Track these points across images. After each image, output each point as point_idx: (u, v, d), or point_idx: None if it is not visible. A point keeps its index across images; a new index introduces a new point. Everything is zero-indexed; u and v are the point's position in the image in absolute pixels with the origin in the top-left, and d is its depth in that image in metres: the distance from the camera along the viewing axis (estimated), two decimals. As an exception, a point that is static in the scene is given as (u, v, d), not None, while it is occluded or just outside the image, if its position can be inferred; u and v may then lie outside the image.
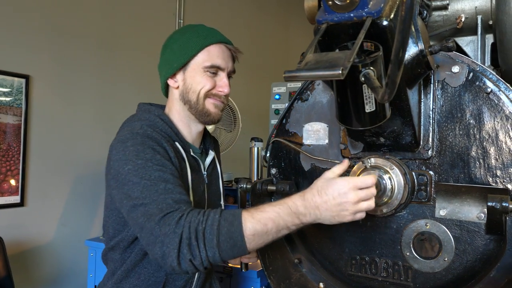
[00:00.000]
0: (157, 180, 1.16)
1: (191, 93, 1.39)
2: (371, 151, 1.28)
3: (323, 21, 1.03)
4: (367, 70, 0.95)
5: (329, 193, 1.05)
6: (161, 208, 1.11)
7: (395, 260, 1.25)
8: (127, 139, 1.25)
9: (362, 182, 1.06)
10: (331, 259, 1.37)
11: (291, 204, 1.09)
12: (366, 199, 1.06)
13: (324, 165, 1.38)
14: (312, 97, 1.41)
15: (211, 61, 1.37)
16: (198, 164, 1.44)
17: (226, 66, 1.40)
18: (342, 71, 0.82)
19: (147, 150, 1.22)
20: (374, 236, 1.29)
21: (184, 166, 1.35)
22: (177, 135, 1.38)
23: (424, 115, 1.21)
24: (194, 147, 1.46)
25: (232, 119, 2.62)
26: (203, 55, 1.37)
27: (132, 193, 1.16)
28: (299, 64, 0.92)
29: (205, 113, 1.40)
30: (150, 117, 1.36)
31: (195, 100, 1.38)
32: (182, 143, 1.38)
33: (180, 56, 1.38)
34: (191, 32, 1.41)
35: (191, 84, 1.39)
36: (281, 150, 1.47)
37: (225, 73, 1.41)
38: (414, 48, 1.08)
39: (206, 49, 1.38)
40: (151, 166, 1.18)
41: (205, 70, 1.37)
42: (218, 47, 1.40)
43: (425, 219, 1.21)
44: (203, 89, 1.38)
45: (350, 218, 1.06)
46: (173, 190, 1.16)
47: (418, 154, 1.22)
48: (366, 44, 1.01)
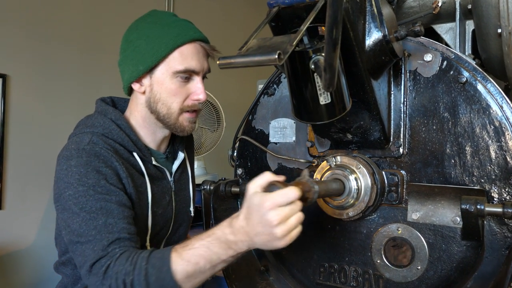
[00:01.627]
0: (98, 212, 1.07)
1: (160, 105, 1.22)
2: (339, 149, 1.17)
3: (274, 4, 0.93)
4: (317, 56, 0.85)
5: (253, 216, 0.88)
6: (95, 250, 1.04)
7: (366, 268, 1.14)
8: (71, 157, 1.12)
9: (282, 197, 0.84)
10: (299, 267, 1.26)
11: (220, 234, 0.94)
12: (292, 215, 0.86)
13: (291, 164, 1.27)
14: (279, 91, 1.31)
15: (185, 64, 1.19)
16: (162, 172, 1.31)
17: (201, 69, 1.22)
18: (279, 56, 0.72)
19: (91, 174, 1.10)
20: (343, 242, 1.18)
21: (143, 182, 1.22)
22: (136, 143, 1.23)
23: (395, 108, 1.10)
24: (158, 153, 1.31)
25: (216, 118, 2.52)
26: (175, 57, 1.19)
27: (71, 224, 1.08)
28: (239, 50, 0.82)
29: (178, 127, 1.24)
30: (104, 123, 1.21)
31: (165, 114, 1.22)
32: (141, 152, 1.23)
33: (147, 57, 1.19)
34: (159, 28, 1.20)
35: (159, 93, 1.21)
36: (247, 149, 1.37)
37: (200, 77, 1.23)
38: (377, 34, 0.97)
39: (178, 50, 1.19)
40: (93, 195, 1.08)
41: (176, 75, 1.19)
42: (192, 47, 1.20)
43: (396, 223, 1.10)
44: (176, 103, 1.21)
45: (283, 243, 0.87)
46: (113, 226, 1.06)
47: (388, 151, 1.11)
48: (320, 28, 0.91)
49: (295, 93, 0.94)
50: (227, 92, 3.56)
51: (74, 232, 1.08)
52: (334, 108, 0.94)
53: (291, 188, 0.86)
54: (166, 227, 1.32)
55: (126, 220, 1.09)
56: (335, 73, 0.66)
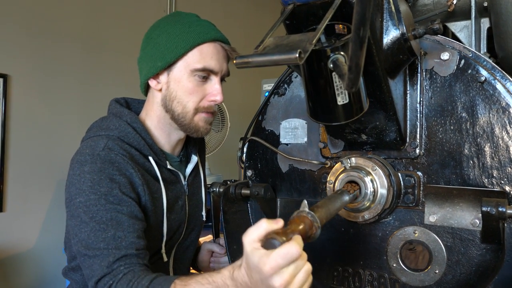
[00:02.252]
0: (107, 224, 1.04)
1: (176, 103, 1.20)
2: (353, 150, 1.15)
3: (289, 2, 0.91)
4: (336, 55, 0.82)
5: (254, 275, 0.79)
6: (102, 266, 1.02)
7: (381, 272, 1.12)
8: (85, 162, 1.10)
9: (284, 258, 0.74)
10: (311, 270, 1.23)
11: (221, 283, 0.88)
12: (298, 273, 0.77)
13: (303, 165, 1.25)
14: (290, 90, 1.28)
15: (203, 63, 1.17)
16: (176, 176, 1.28)
17: (220, 69, 1.20)
18: (299, 54, 0.69)
19: (104, 182, 1.07)
20: (357, 245, 1.15)
21: (158, 188, 1.19)
22: (152, 147, 1.20)
23: (411, 108, 1.08)
24: (172, 157, 1.29)
25: (220, 118, 2.49)
26: (194, 55, 1.17)
27: (80, 234, 1.06)
28: (256, 49, 0.79)
29: (193, 128, 1.22)
30: (120, 126, 1.17)
31: (180, 112, 1.20)
32: (156, 156, 1.21)
33: (166, 53, 1.18)
34: (181, 25, 1.19)
35: (175, 91, 1.19)
36: (257, 150, 1.34)
37: (218, 78, 1.21)
38: (395, 32, 0.94)
39: (198, 48, 1.17)
40: (104, 204, 1.05)
41: (194, 74, 1.17)
42: (213, 46, 1.19)
43: (413, 226, 1.07)
44: (192, 102, 1.18)
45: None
46: (122, 240, 1.04)
47: (404, 152, 1.08)
48: (337, 26, 0.88)
49: (311, 93, 0.92)
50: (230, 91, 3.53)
51: (82, 243, 1.06)
52: (351, 109, 0.91)
53: (291, 245, 0.75)
54: (179, 232, 1.30)
55: (136, 234, 1.06)
56: (360, 72, 0.63)
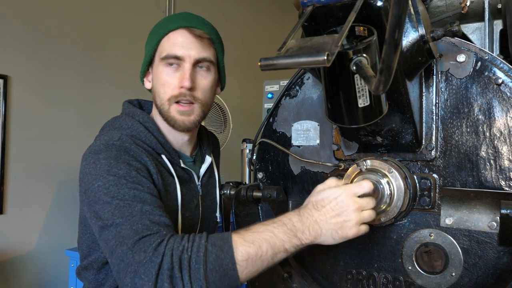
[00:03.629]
0: (132, 200, 0.99)
1: (157, 97, 1.20)
2: (367, 152, 1.14)
3: (308, 3, 0.90)
4: (359, 57, 0.81)
5: (326, 204, 0.94)
6: (135, 229, 0.94)
7: (396, 275, 1.11)
8: (100, 151, 1.07)
9: (360, 187, 0.95)
10: (324, 274, 1.22)
11: (287, 220, 0.95)
12: (366, 208, 0.95)
13: (315, 168, 1.24)
14: (301, 92, 1.27)
15: (168, 51, 1.16)
16: (190, 175, 1.27)
17: (186, 55, 1.16)
18: (327, 57, 0.69)
19: (121, 165, 1.04)
20: (371, 248, 1.15)
21: (172, 182, 1.17)
22: (164, 146, 1.19)
23: (426, 110, 1.07)
24: (186, 157, 1.27)
25: (222, 119, 2.48)
26: (164, 45, 1.18)
27: (103, 214, 0.99)
28: (278, 51, 0.78)
29: (171, 120, 1.19)
30: (132, 125, 1.17)
31: (159, 105, 1.19)
32: (169, 155, 1.20)
33: (147, 50, 1.23)
34: (158, 23, 1.24)
35: (156, 85, 1.20)
36: (268, 152, 1.33)
37: (188, 64, 1.16)
38: (414, 34, 0.94)
39: (166, 37, 1.18)
40: (125, 183, 1.01)
41: (164, 64, 1.17)
42: (179, 33, 1.17)
43: (429, 229, 1.07)
44: (164, 94, 1.18)
45: (355, 231, 0.93)
46: (151, 212, 0.98)
47: (420, 155, 1.08)
48: (358, 28, 0.88)
49: (331, 95, 0.91)
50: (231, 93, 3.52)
51: (107, 219, 0.98)
52: (372, 111, 0.90)
53: (365, 181, 0.97)
54: (192, 232, 1.27)
55: (162, 209, 1.02)
56: (392, 75, 0.63)
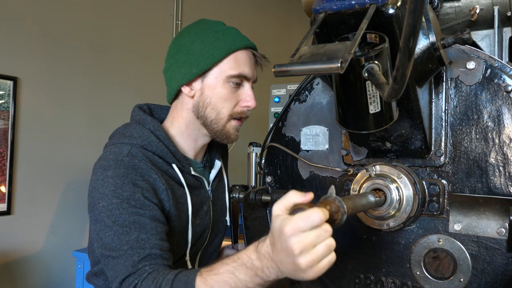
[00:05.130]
0: (131, 227, 1.05)
1: (210, 109, 1.21)
2: (376, 158, 1.15)
3: (320, 10, 0.91)
4: (371, 64, 0.82)
5: (276, 240, 0.80)
6: (126, 266, 1.02)
7: (404, 280, 1.12)
8: (109, 167, 1.11)
9: (304, 220, 0.75)
10: (332, 277, 1.23)
11: (246, 259, 0.88)
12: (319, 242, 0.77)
13: (324, 172, 1.25)
14: (311, 97, 1.29)
15: (239, 70, 1.19)
16: (200, 182, 1.28)
17: (252, 76, 1.23)
18: (341, 64, 0.70)
19: (127, 187, 1.08)
20: (379, 253, 1.16)
21: (183, 193, 1.20)
22: (175, 154, 1.20)
23: (436, 117, 1.08)
24: (196, 163, 1.30)
25: (229, 123, 2.49)
26: (229, 62, 1.19)
27: (104, 237, 1.07)
28: (291, 58, 0.79)
29: (224, 134, 1.22)
30: (143, 134, 1.18)
31: (213, 119, 1.21)
32: (180, 163, 1.21)
33: (201, 60, 1.19)
34: (214, 32, 1.21)
35: (209, 98, 1.20)
36: (277, 156, 1.34)
37: (250, 84, 1.23)
38: (425, 41, 0.95)
39: (233, 55, 1.19)
40: (127, 208, 1.06)
41: (229, 80, 1.19)
42: (246, 54, 1.22)
43: (437, 234, 1.08)
44: (226, 109, 1.20)
45: (310, 275, 0.78)
46: (145, 242, 1.04)
47: (429, 161, 1.08)
48: (369, 36, 0.89)
49: (343, 101, 0.92)
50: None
51: (106, 246, 1.06)
52: (382, 118, 0.92)
53: (315, 209, 0.75)
54: (203, 238, 1.29)
55: (159, 236, 1.07)
56: (405, 83, 0.64)
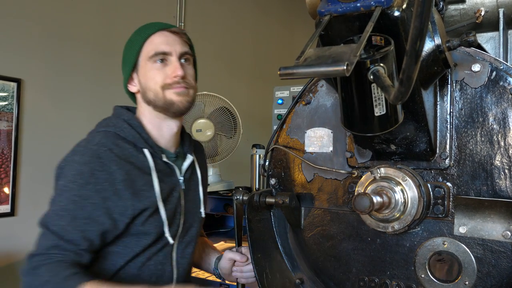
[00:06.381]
0: (66, 214, 1.19)
1: (148, 91, 1.35)
2: (380, 160, 1.15)
3: (325, 13, 0.91)
4: (376, 67, 0.82)
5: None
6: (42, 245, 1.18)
7: (409, 283, 1.12)
8: (78, 152, 1.27)
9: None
10: (336, 280, 1.23)
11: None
12: None
13: (328, 174, 1.25)
14: (315, 100, 1.28)
15: (155, 49, 1.33)
16: (172, 169, 1.39)
17: (172, 50, 1.34)
18: (347, 66, 0.70)
19: (85, 175, 1.22)
20: (384, 255, 1.15)
21: (148, 180, 1.30)
22: (147, 141, 1.34)
23: (441, 119, 1.08)
24: (169, 152, 1.41)
25: (233, 124, 2.49)
26: (148, 47, 1.34)
27: (49, 209, 1.23)
28: (297, 60, 0.79)
29: (168, 103, 1.33)
30: (117, 123, 1.34)
31: (153, 97, 1.34)
32: (152, 149, 1.34)
33: (129, 56, 1.37)
34: (135, 32, 1.40)
35: (145, 83, 1.35)
36: (281, 158, 1.34)
37: (175, 57, 1.34)
38: (430, 43, 0.95)
39: (148, 40, 1.34)
40: (74, 195, 1.21)
41: (152, 62, 1.33)
42: (160, 34, 1.35)
43: (442, 237, 1.07)
44: (157, 84, 1.33)
45: None
46: (68, 233, 1.18)
47: (434, 163, 1.08)
48: (374, 38, 0.89)
49: (348, 104, 0.92)
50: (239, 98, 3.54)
51: (45, 217, 1.21)
52: (387, 120, 0.91)
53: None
54: (175, 224, 1.38)
55: (83, 234, 1.19)
56: (412, 86, 0.63)
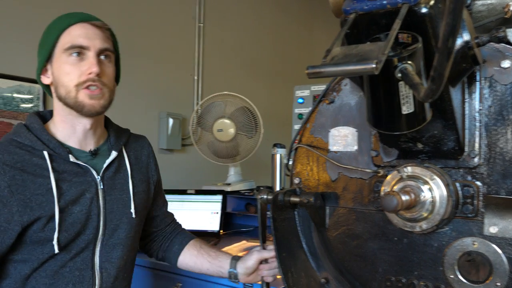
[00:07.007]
0: None
1: (60, 86, 1.29)
2: (407, 159, 1.13)
3: (351, 11, 0.90)
4: (404, 64, 0.81)
5: None
6: None
7: (437, 283, 1.10)
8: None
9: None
10: (362, 280, 1.22)
11: None
12: None
13: (353, 174, 1.24)
14: (339, 98, 1.27)
15: (72, 42, 1.26)
16: (84, 169, 1.33)
17: (91, 44, 1.27)
18: (376, 64, 0.69)
19: None
20: (411, 255, 1.14)
21: (42, 184, 1.24)
22: (47, 143, 1.28)
23: (469, 117, 1.06)
24: (81, 151, 1.35)
25: (253, 124, 2.50)
26: (65, 38, 1.27)
27: None
28: (324, 59, 0.79)
29: (79, 105, 1.28)
30: (16, 128, 1.31)
31: (64, 94, 1.28)
32: (52, 151, 1.28)
33: (44, 45, 1.30)
34: (53, 21, 1.32)
35: (57, 77, 1.29)
36: (304, 157, 1.34)
37: (93, 53, 1.28)
38: (458, 40, 0.93)
39: (67, 31, 1.27)
40: None
41: (67, 54, 1.26)
42: (80, 26, 1.28)
43: (472, 237, 1.05)
44: (70, 81, 1.26)
45: None
46: None
47: (463, 162, 1.06)
48: (401, 35, 0.88)
49: (374, 102, 0.91)
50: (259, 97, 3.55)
51: None
52: (415, 118, 0.90)
53: None
54: (92, 227, 1.32)
55: None
56: (443, 83, 0.63)
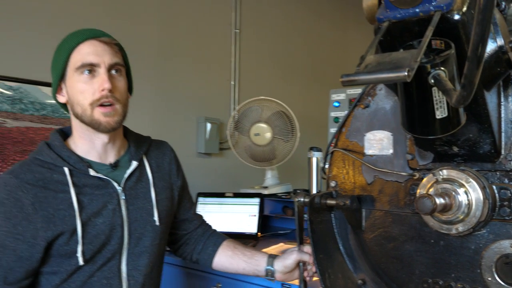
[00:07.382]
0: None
1: (76, 105, 1.32)
2: (442, 162, 1.14)
3: (384, 19, 0.94)
4: (437, 71, 0.84)
5: None
6: None
7: (475, 286, 1.10)
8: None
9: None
10: (399, 282, 1.24)
11: None
12: None
13: (389, 177, 1.26)
14: (374, 103, 1.30)
15: (82, 60, 1.29)
16: (106, 182, 1.36)
17: (101, 61, 1.30)
18: (408, 72, 0.72)
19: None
20: (448, 258, 1.15)
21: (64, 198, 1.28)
22: (67, 159, 1.32)
23: (505, 120, 1.06)
24: (102, 165, 1.39)
25: (290, 128, 2.54)
26: (75, 57, 1.30)
27: None
28: (358, 67, 0.83)
29: (95, 123, 1.32)
30: (39, 147, 1.35)
31: (81, 113, 1.32)
32: (73, 166, 1.32)
33: (56, 65, 1.33)
34: (63, 40, 1.35)
35: (72, 96, 1.33)
36: (340, 161, 1.37)
37: (104, 69, 1.30)
38: (492, 44, 0.94)
39: (76, 49, 1.30)
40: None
41: (79, 73, 1.29)
42: (89, 44, 1.31)
43: (509, 240, 1.05)
44: (85, 99, 1.30)
45: None
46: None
47: (499, 165, 1.07)
48: (434, 42, 0.90)
49: (408, 107, 0.94)
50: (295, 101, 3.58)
51: None
52: (449, 123, 0.92)
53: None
54: (116, 236, 1.35)
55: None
56: (474, 90, 0.65)
